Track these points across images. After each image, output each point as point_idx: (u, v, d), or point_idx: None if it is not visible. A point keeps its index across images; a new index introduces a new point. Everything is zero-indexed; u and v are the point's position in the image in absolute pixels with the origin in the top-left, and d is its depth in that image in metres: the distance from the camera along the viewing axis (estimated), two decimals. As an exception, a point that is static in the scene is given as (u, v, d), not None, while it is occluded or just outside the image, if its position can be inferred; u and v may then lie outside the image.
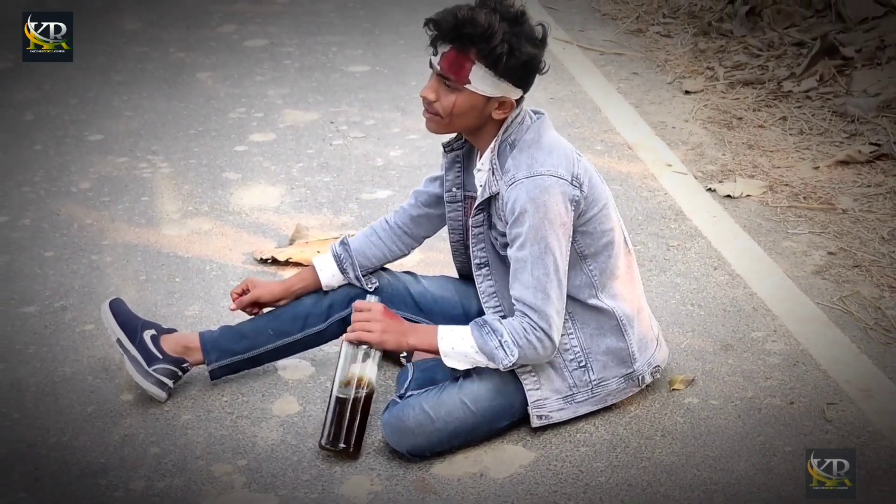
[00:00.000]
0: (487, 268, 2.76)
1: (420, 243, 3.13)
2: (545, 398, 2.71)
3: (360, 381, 2.70)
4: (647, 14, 6.75)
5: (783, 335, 3.18)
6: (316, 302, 3.00)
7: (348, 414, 2.67)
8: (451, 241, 3.00)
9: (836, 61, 5.29)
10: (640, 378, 2.78)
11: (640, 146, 4.65)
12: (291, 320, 2.99)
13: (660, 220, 3.95)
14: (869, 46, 5.36)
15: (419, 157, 4.60)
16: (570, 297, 2.68)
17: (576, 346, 2.71)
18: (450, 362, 2.67)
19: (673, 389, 2.92)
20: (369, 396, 2.71)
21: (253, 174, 4.53)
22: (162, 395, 2.93)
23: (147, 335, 2.95)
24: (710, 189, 4.20)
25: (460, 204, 2.89)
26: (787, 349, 3.10)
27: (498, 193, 2.63)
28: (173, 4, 7.42)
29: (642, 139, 4.75)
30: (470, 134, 2.73)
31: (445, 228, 3.01)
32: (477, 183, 2.77)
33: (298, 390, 3.01)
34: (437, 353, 2.67)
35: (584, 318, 2.71)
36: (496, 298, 2.76)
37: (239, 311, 3.06)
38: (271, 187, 4.40)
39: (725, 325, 3.25)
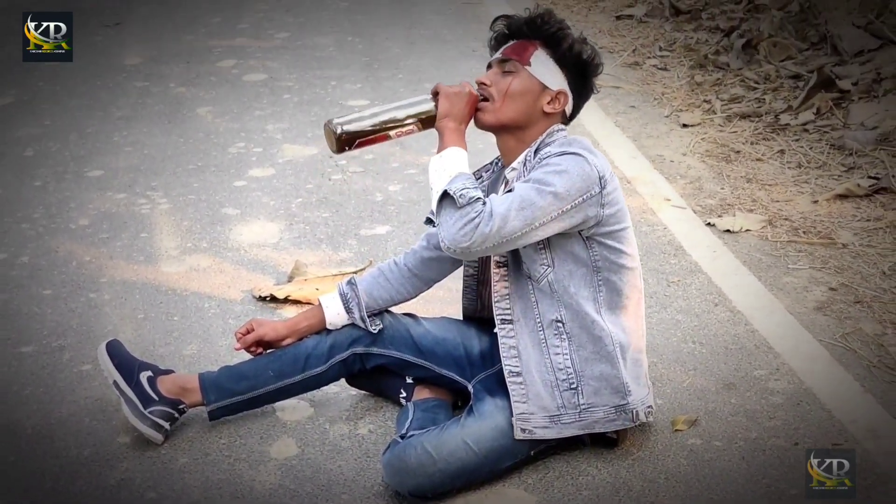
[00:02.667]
0: (506, 268, 2.71)
1: (429, 287, 3.06)
2: (531, 413, 2.64)
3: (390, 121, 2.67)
4: (644, 47, 6.73)
5: (786, 373, 3.11)
6: (317, 343, 2.93)
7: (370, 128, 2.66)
8: (464, 276, 2.95)
9: (833, 94, 5.25)
10: (633, 412, 2.69)
11: (638, 180, 4.60)
12: (292, 361, 2.92)
13: (659, 256, 3.89)
14: (865, 79, 5.33)
15: (418, 191, 4.54)
16: (572, 311, 2.64)
17: (569, 367, 2.64)
18: (433, 162, 2.60)
19: (676, 430, 2.85)
20: (384, 134, 2.68)
21: (252, 210, 4.48)
22: (158, 437, 2.86)
23: (144, 377, 2.88)
24: (709, 223, 4.15)
25: None
26: (791, 388, 3.03)
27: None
28: (173, 40, 7.42)
29: (640, 173, 4.70)
30: (514, 134, 2.70)
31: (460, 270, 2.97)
32: (504, 184, 2.75)
33: (297, 432, 2.94)
34: (445, 148, 2.61)
35: (582, 341, 2.65)
36: (507, 301, 2.70)
37: (240, 351, 3.00)
38: (270, 223, 4.34)
39: (727, 364, 3.18)
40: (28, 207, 4.60)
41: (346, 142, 2.65)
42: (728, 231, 4.07)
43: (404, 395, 2.97)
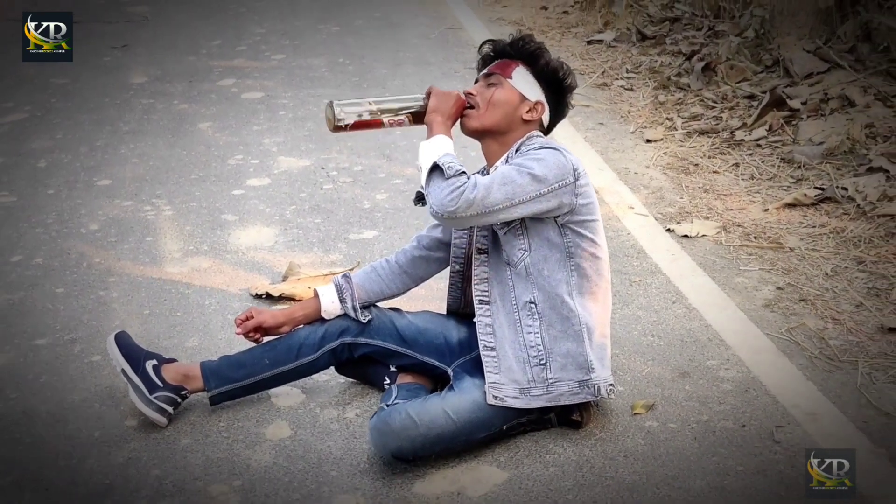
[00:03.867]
0: (486, 255, 2.83)
1: (417, 284, 3.15)
2: (502, 384, 2.74)
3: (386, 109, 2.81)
4: (612, 70, 6.81)
5: (735, 363, 3.19)
6: (309, 334, 3.01)
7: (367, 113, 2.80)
8: (451, 273, 3.03)
9: (784, 112, 5.34)
10: (595, 388, 2.77)
11: (604, 190, 4.68)
12: (286, 351, 3.00)
13: (623, 258, 3.98)
14: (814, 99, 5.41)
15: (403, 200, 4.62)
16: (545, 293, 2.75)
17: (539, 345, 2.74)
18: (424, 145, 2.72)
19: (635, 413, 2.93)
20: (378, 120, 2.80)
21: (249, 216, 4.55)
22: (163, 420, 2.93)
23: (149, 365, 2.96)
24: (668, 230, 4.23)
25: (466, 231, 2.94)
26: (740, 376, 3.12)
27: None
28: (176, 61, 7.47)
29: (607, 184, 4.78)
30: (496, 139, 2.83)
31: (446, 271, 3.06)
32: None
33: (290, 416, 3.01)
34: (432, 136, 2.74)
35: (552, 320, 2.75)
36: (486, 284, 2.83)
37: (240, 336, 3.06)
38: (266, 228, 4.41)
39: (683, 355, 3.27)
40: (42, 213, 4.66)
41: (343, 122, 2.77)
42: (686, 236, 4.16)
43: (388, 381, 3.04)
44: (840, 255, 3.90)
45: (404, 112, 2.81)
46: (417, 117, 2.82)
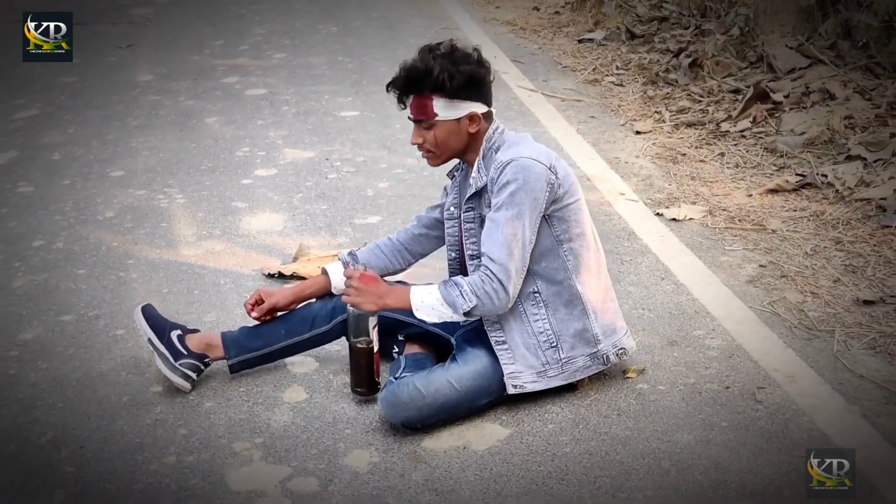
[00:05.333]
0: (479, 259, 2.99)
1: (416, 260, 3.34)
2: (519, 371, 2.92)
3: (359, 337, 2.99)
4: (603, 66, 7.01)
5: (720, 333, 3.39)
6: (322, 306, 3.20)
7: (355, 360, 3.00)
8: (448, 260, 3.20)
9: (768, 105, 5.55)
10: (604, 357, 2.98)
11: (597, 178, 4.89)
12: (301, 322, 3.19)
13: (615, 240, 4.18)
14: (796, 92, 5.63)
15: (404, 188, 4.81)
16: (546, 282, 2.92)
17: (548, 329, 2.92)
18: (420, 314, 2.88)
19: (626, 377, 3.13)
20: (369, 348, 2.98)
21: (259, 203, 4.74)
22: (187, 386, 3.12)
23: (174, 335, 3.14)
24: (657, 214, 4.43)
25: (457, 221, 3.11)
26: (724, 344, 3.32)
27: (485, 187, 2.88)
28: (181, 59, 7.65)
29: (599, 172, 4.98)
30: (462, 154, 2.99)
31: (444, 250, 3.22)
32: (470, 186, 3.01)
33: (305, 382, 3.20)
34: (409, 309, 2.89)
35: (556, 305, 2.93)
36: None
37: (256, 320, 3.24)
38: (275, 214, 4.60)
39: (671, 325, 3.47)
40: (59, 202, 4.84)
41: (370, 388, 3.04)
42: (674, 220, 4.36)
43: (397, 349, 3.23)
44: (819, 236, 4.11)
45: (367, 333, 2.98)
46: (373, 321, 2.98)
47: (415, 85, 2.85)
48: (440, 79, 2.81)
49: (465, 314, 2.85)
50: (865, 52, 5.94)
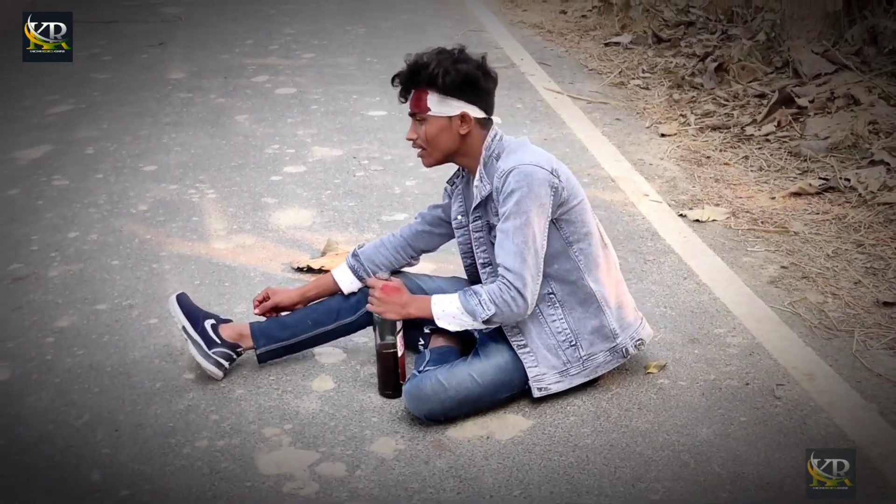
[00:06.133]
0: (490, 266, 3.06)
1: (419, 255, 3.41)
2: (543, 373, 2.99)
3: (385, 341, 3.06)
4: (629, 70, 7.08)
5: (741, 331, 3.45)
6: (346, 298, 3.29)
7: (382, 364, 3.08)
8: (464, 266, 3.29)
9: (792, 110, 5.59)
10: (623, 350, 3.05)
11: (621, 179, 4.95)
12: (327, 313, 3.28)
13: (638, 240, 4.24)
14: (821, 98, 5.67)
15: (431, 186, 4.89)
16: (560, 283, 2.98)
17: (566, 329, 2.99)
18: (442, 323, 2.97)
19: (647, 373, 3.20)
20: (394, 352, 3.05)
21: (288, 199, 4.83)
22: (219, 374, 3.21)
23: (208, 324, 3.23)
24: (681, 215, 4.49)
25: (466, 228, 3.17)
26: (745, 342, 3.38)
27: (490, 195, 2.94)
28: (212, 58, 7.76)
29: (623, 173, 5.04)
30: (457, 158, 3.05)
31: (453, 246, 3.30)
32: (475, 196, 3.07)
33: (333, 371, 3.28)
34: (431, 318, 2.97)
35: (572, 304, 3.00)
36: None
37: (259, 315, 3.35)
38: (304, 210, 4.69)
39: (692, 323, 3.52)
40: (93, 195, 4.95)
41: (395, 392, 3.10)
42: (697, 221, 4.42)
43: (422, 342, 3.30)
44: (841, 239, 4.16)
45: (393, 336, 3.06)
46: (392, 328, 3.05)
47: (412, 78, 2.94)
48: (434, 73, 2.89)
49: (485, 322, 2.92)
50: (891, 58, 5.97)
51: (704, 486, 2.65)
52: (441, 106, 2.93)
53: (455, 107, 2.94)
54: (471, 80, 2.93)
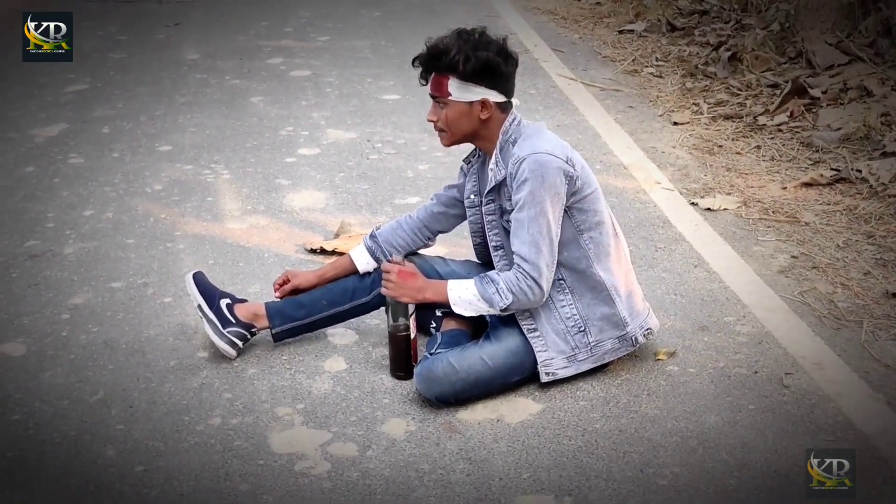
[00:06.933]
0: (502, 250, 3.07)
1: (435, 237, 3.42)
2: (551, 358, 3.00)
3: (398, 323, 3.08)
4: (643, 58, 7.06)
5: (751, 320, 3.46)
6: (362, 278, 3.31)
7: (394, 346, 3.09)
8: (473, 244, 3.30)
9: (805, 100, 5.57)
10: (633, 338, 3.06)
11: (633, 167, 4.95)
12: (342, 293, 3.29)
13: (649, 227, 4.24)
14: (833, 89, 5.65)
15: (444, 170, 4.89)
16: (570, 270, 2.99)
17: (575, 315, 3.00)
18: (458, 309, 2.98)
19: (657, 359, 3.21)
20: (406, 334, 3.07)
21: (302, 181, 4.84)
22: (233, 353, 3.23)
23: (223, 303, 3.24)
24: (692, 203, 4.49)
25: (478, 208, 3.18)
26: (754, 331, 3.38)
27: (504, 181, 2.95)
28: (227, 39, 7.76)
29: (636, 161, 5.04)
30: (476, 140, 3.05)
31: (467, 228, 3.29)
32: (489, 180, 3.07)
33: (346, 352, 3.30)
34: (447, 303, 2.99)
35: (581, 291, 3.01)
36: None
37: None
38: (318, 192, 4.70)
39: (702, 311, 3.53)
40: (108, 174, 4.96)
41: (407, 373, 3.12)
42: (708, 209, 4.41)
43: (434, 325, 3.31)
44: (852, 230, 4.15)
45: (406, 319, 3.07)
46: (405, 311, 3.06)
47: (433, 62, 2.92)
48: (455, 60, 2.87)
49: (502, 310, 2.94)
50: (905, 50, 5.96)
51: (712, 473, 2.66)
52: (462, 92, 2.92)
53: (476, 93, 2.92)
54: (491, 66, 2.91)
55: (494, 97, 2.94)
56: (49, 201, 4.62)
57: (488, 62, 2.91)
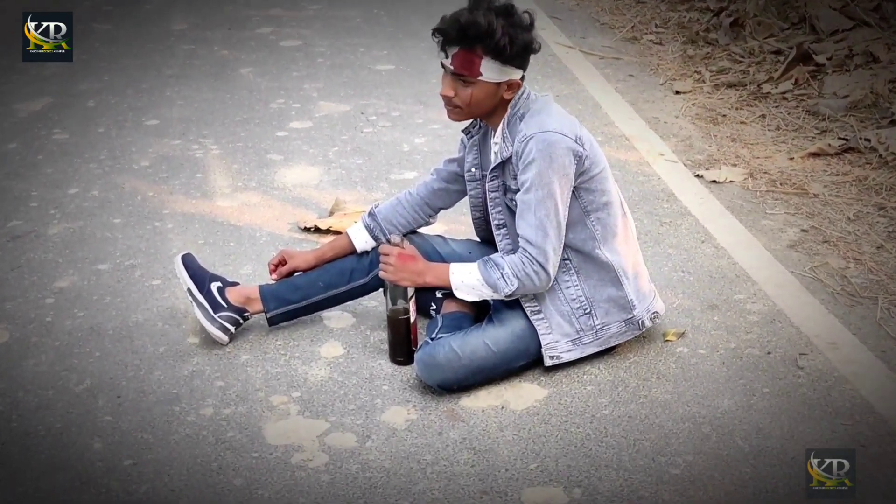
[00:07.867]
0: (505, 228, 2.94)
1: (436, 213, 3.29)
2: (556, 341, 2.88)
3: (396, 306, 2.95)
4: (642, 24, 6.91)
5: (762, 298, 3.34)
6: (360, 259, 3.18)
7: (393, 330, 2.98)
8: (473, 219, 3.17)
9: (810, 67, 5.45)
10: (640, 322, 2.94)
11: (636, 138, 4.82)
12: (339, 274, 3.17)
13: (654, 201, 4.12)
14: (839, 55, 5.52)
15: (440, 143, 4.76)
16: (575, 251, 2.86)
17: (581, 296, 2.88)
18: (460, 294, 2.86)
19: (666, 340, 3.09)
20: (406, 317, 2.95)
21: (294, 156, 4.70)
22: (224, 338, 3.10)
23: (214, 286, 3.12)
24: (697, 175, 4.37)
25: (479, 182, 3.05)
26: (765, 309, 3.27)
27: (510, 158, 2.81)
28: (216, 9, 7.60)
29: (638, 132, 4.91)
30: (485, 116, 2.89)
31: (467, 205, 3.17)
32: (493, 154, 2.93)
33: (342, 337, 3.18)
34: (449, 287, 2.86)
35: (588, 272, 2.88)
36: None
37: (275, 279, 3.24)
38: (311, 167, 4.57)
39: (711, 289, 3.41)
40: (94, 150, 4.82)
41: (407, 359, 3.00)
42: (714, 182, 4.29)
43: (434, 307, 3.19)
44: (862, 202, 4.04)
45: (405, 301, 2.95)
46: (404, 293, 2.94)
47: (469, 40, 2.67)
48: (501, 43, 2.66)
49: (507, 296, 2.82)
50: (911, 14, 5.82)
51: (727, 461, 2.55)
52: (494, 73, 2.71)
53: (508, 74, 2.74)
54: (529, 48, 2.76)
55: (518, 76, 2.79)
56: (33, 179, 4.48)
57: (528, 45, 2.74)
